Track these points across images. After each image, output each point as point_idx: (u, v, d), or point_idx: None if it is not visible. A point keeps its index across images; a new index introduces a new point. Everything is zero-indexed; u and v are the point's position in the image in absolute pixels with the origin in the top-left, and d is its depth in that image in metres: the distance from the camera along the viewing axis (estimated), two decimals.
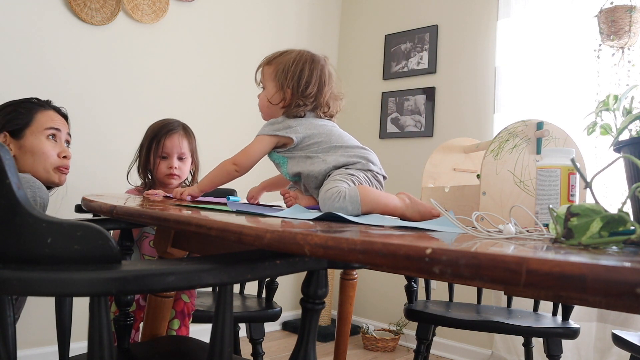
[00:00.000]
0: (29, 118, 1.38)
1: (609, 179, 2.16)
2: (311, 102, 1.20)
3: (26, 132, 1.37)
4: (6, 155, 0.53)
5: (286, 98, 1.21)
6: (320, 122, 1.19)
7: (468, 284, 0.41)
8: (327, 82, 1.22)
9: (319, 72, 1.21)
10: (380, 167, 1.15)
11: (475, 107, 2.86)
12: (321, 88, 1.21)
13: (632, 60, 2.15)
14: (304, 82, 1.19)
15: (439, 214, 0.97)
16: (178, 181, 1.65)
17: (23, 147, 1.36)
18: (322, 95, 1.21)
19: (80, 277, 0.49)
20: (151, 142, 1.62)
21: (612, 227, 0.52)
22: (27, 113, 1.39)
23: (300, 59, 1.21)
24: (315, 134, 1.16)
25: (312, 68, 1.21)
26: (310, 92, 1.19)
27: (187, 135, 1.68)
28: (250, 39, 3.03)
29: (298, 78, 1.19)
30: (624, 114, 0.88)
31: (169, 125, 1.66)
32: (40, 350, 2.13)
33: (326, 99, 1.21)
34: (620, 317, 2.23)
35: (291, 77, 1.20)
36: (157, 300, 1.18)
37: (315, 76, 1.20)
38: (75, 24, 2.30)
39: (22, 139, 1.36)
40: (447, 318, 1.59)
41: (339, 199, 0.97)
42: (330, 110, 1.23)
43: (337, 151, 1.13)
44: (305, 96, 1.19)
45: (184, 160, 1.66)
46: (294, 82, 1.20)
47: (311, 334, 0.67)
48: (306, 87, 1.19)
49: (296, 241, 0.49)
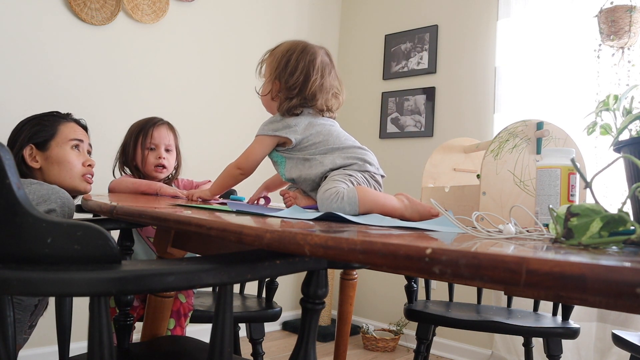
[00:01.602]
0: (53, 130, 1.43)
1: (609, 179, 2.16)
2: (295, 93, 1.16)
3: (51, 144, 1.42)
4: (6, 155, 0.53)
5: (273, 89, 1.18)
6: (320, 121, 1.17)
7: (468, 284, 0.41)
8: (314, 73, 1.16)
9: (306, 62, 1.16)
10: (378, 167, 1.15)
11: (475, 107, 2.86)
12: (307, 78, 1.15)
13: (632, 60, 2.15)
14: (288, 72, 1.16)
15: (438, 214, 0.97)
16: (165, 173, 1.66)
17: (49, 158, 1.42)
18: (308, 87, 1.15)
19: (80, 277, 0.49)
20: (138, 135, 1.63)
21: (612, 227, 0.52)
22: (51, 125, 1.44)
23: (290, 49, 1.18)
24: (313, 134, 1.14)
25: (300, 58, 1.16)
26: (295, 83, 1.15)
27: (172, 130, 1.72)
28: (250, 39, 3.03)
29: (284, 67, 1.16)
30: (624, 114, 0.88)
31: (155, 119, 1.69)
32: (40, 350, 2.13)
33: (312, 90, 1.15)
34: (620, 317, 2.23)
35: (278, 67, 1.17)
36: (157, 300, 1.18)
37: (301, 66, 1.16)
38: (75, 24, 2.30)
39: (48, 150, 1.42)
40: (447, 318, 1.59)
41: (337, 199, 0.96)
42: (324, 105, 1.18)
43: (335, 152, 1.12)
44: (289, 87, 1.16)
45: (170, 152, 1.68)
46: (280, 71, 1.17)
47: (311, 334, 0.67)
48: (290, 76, 1.15)
49: (296, 241, 0.49)
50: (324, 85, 1.18)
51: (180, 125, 2.64)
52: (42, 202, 1.17)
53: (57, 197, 1.21)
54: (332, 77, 1.20)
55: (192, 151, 2.65)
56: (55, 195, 1.21)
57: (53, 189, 1.23)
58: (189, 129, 2.70)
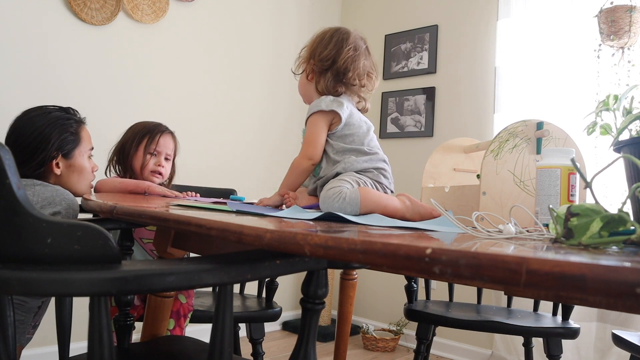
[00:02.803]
0: (78, 138, 1.44)
1: (609, 179, 2.16)
2: (328, 64, 1.17)
3: (75, 153, 1.42)
4: (6, 155, 0.53)
5: (307, 68, 1.21)
6: (361, 118, 1.17)
7: (468, 284, 0.41)
8: (346, 45, 1.18)
9: (339, 38, 1.19)
10: (391, 182, 1.14)
11: (475, 107, 2.86)
12: (339, 50, 1.17)
13: (632, 60, 2.15)
14: (321, 47, 1.19)
15: (440, 215, 0.97)
16: (160, 180, 1.68)
17: (72, 167, 1.42)
18: (340, 58, 1.17)
19: (80, 277, 0.49)
20: (142, 138, 1.64)
21: (612, 227, 0.52)
22: (75, 133, 1.44)
23: (326, 30, 1.22)
24: (354, 124, 1.14)
25: (334, 34, 1.20)
26: (328, 55, 1.17)
27: (175, 141, 1.73)
28: (250, 39, 3.03)
29: (317, 45, 1.20)
30: (624, 114, 0.88)
31: (162, 126, 1.70)
32: (40, 350, 2.13)
33: (345, 62, 1.17)
34: (620, 317, 2.23)
35: (311, 46, 1.21)
36: (157, 300, 1.18)
37: (334, 40, 1.18)
38: (75, 24, 2.30)
39: (72, 159, 1.42)
40: (447, 318, 1.59)
41: (339, 199, 0.96)
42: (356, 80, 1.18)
43: (360, 156, 1.11)
44: (322, 59, 1.17)
45: (168, 161, 1.70)
46: (312, 49, 1.20)
47: (311, 334, 0.67)
48: (324, 49, 1.18)
49: (296, 241, 0.49)
50: (357, 62, 1.19)
51: (180, 126, 2.64)
52: (47, 204, 1.18)
53: (62, 199, 1.21)
54: (367, 59, 1.21)
55: (193, 152, 2.65)
56: (60, 197, 1.22)
57: (57, 191, 1.23)
58: (189, 129, 2.70)
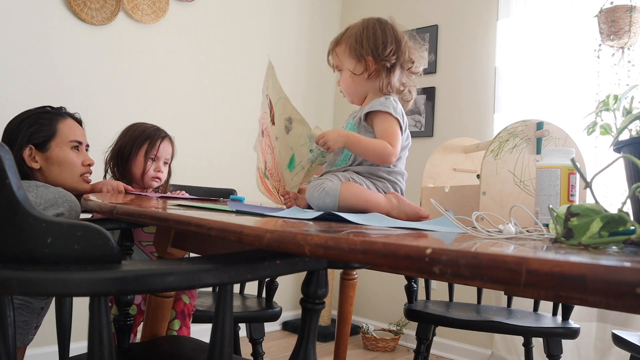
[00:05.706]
0: (52, 129, 1.41)
1: (609, 179, 2.16)
2: (394, 59, 1.15)
3: (51, 144, 1.40)
4: (6, 155, 0.53)
5: (369, 66, 1.16)
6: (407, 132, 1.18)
7: (468, 284, 0.41)
8: (402, 37, 1.17)
9: (390, 29, 1.17)
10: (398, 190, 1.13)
11: (475, 107, 2.86)
12: (399, 43, 1.16)
13: (632, 60, 2.15)
14: (380, 43, 1.15)
15: (427, 216, 0.97)
16: (159, 184, 1.69)
17: (50, 159, 1.40)
18: (402, 49, 1.16)
19: (80, 277, 0.49)
20: (142, 143, 1.64)
21: (612, 227, 0.52)
22: (49, 124, 1.42)
23: (367, 24, 1.19)
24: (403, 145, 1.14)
25: (383, 27, 1.17)
26: (390, 50, 1.15)
27: (173, 146, 1.74)
28: (250, 39, 3.03)
29: (374, 41, 1.16)
30: (624, 114, 0.88)
31: (161, 131, 1.70)
32: (40, 350, 2.13)
33: (408, 53, 1.16)
34: (620, 317, 2.23)
35: (366, 43, 1.16)
36: (157, 300, 1.18)
37: (389, 33, 1.16)
38: (75, 24, 2.30)
39: (48, 151, 1.40)
40: (447, 318, 1.59)
41: (319, 189, 0.98)
42: (419, 68, 1.19)
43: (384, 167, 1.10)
44: (387, 56, 1.15)
45: (166, 165, 1.71)
46: (370, 46, 1.16)
47: (311, 334, 0.67)
48: (384, 46, 1.15)
49: (296, 241, 0.49)
50: (414, 49, 1.19)
51: (180, 126, 2.65)
52: (49, 206, 1.18)
53: (65, 201, 1.22)
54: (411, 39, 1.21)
55: (193, 152, 2.65)
56: (62, 199, 1.22)
57: (60, 193, 1.23)
58: (189, 129, 2.70)
